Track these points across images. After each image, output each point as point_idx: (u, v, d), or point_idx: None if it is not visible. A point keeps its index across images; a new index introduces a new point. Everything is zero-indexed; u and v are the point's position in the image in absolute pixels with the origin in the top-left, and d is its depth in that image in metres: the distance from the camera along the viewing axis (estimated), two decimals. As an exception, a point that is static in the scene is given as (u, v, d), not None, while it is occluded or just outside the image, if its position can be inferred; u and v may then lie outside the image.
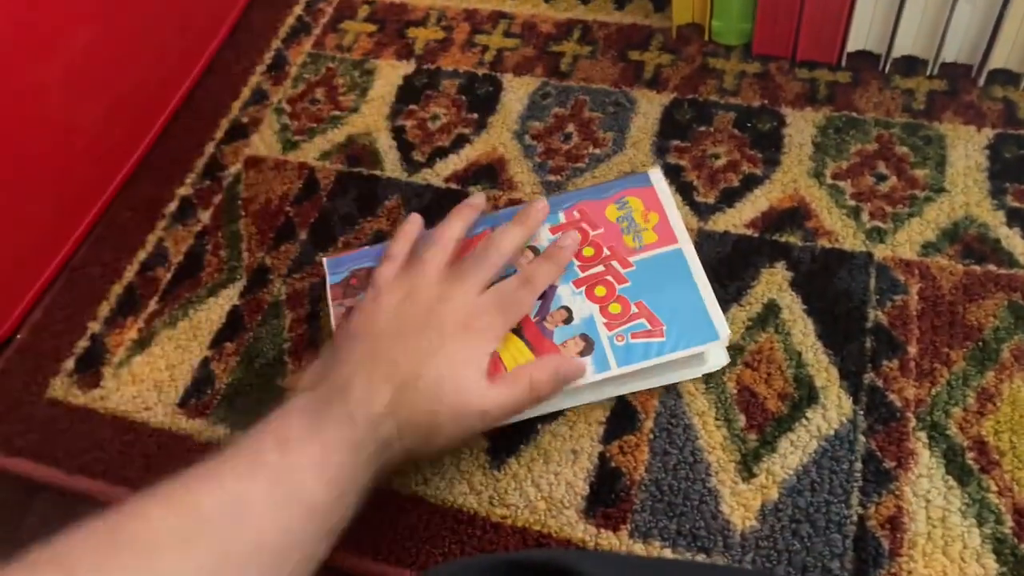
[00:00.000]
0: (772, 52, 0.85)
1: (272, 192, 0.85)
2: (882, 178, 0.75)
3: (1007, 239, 0.69)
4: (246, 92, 0.95)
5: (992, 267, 0.68)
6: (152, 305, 0.79)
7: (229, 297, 0.78)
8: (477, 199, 0.68)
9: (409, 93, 0.90)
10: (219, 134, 0.91)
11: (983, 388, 0.62)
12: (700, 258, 0.66)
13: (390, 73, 0.93)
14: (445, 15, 0.97)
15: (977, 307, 0.66)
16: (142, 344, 0.76)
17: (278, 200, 0.84)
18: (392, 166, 0.84)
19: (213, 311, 0.77)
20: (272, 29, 1.00)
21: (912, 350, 0.65)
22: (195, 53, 0.96)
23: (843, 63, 0.82)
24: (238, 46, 0.99)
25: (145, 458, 0.69)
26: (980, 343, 0.64)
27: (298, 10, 1.02)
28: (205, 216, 0.84)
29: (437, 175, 0.83)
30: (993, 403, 0.62)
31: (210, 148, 0.90)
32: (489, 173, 0.82)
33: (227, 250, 0.81)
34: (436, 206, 0.80)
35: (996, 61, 0.77)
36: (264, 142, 0.89)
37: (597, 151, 0.81)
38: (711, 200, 0.76)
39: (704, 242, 0.73)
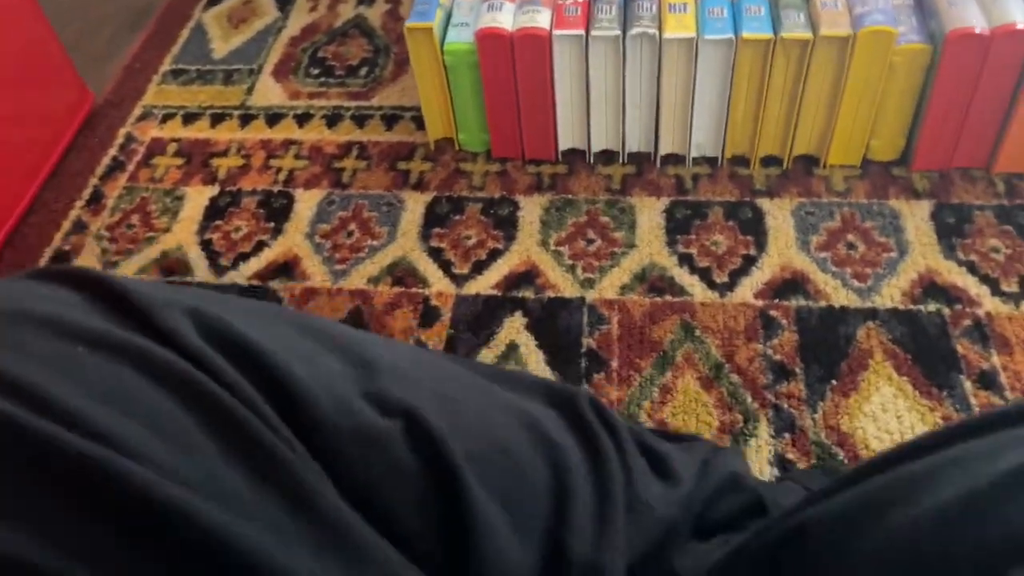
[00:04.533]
0: (507, 155, 1.08)
1: (95, 306, 0.97)
2: (591, 241, 0.97)
3: (679, 276, 0.93)
4: (67, 224, 1.08)
5: (669, 297, 0.91)
6: None
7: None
8: None
9: (215, 212, 1.07)
10: (42, 262, 1.03)
11: (664, 384, 0.83)
12: (457, 316, 0.85)
13: (197, 197, 1.09)
14: (244, 146, 1.15)
15: (659, 327, 0.88)
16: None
17: (101, 312, 0.96)
18: (202, 272, 0.99)
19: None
20: (89, 169, 1.14)
21: (614, 364, 0.86)
22: (16, 196, 1.08)
23: (559, 159, 1.06)
24: (58, 187, 1.12)
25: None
26: (662, 352, 0.86)
27: (113, 151, 1.17)
28: (33, 333, 0.95)
29: (241, 275, 0.98)
30: (671, 394, 0.83)
31: (35, 275, 1.02)
32: (286, 269, 0.98)
33: (55, 359, 0.92)
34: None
35: (665, 148, 1.04)
36: (85, 264, 1.02)
37: (375, 242, 1.00)
38: (465, 271, 0.96)
39: (460, 303, 0.92)
